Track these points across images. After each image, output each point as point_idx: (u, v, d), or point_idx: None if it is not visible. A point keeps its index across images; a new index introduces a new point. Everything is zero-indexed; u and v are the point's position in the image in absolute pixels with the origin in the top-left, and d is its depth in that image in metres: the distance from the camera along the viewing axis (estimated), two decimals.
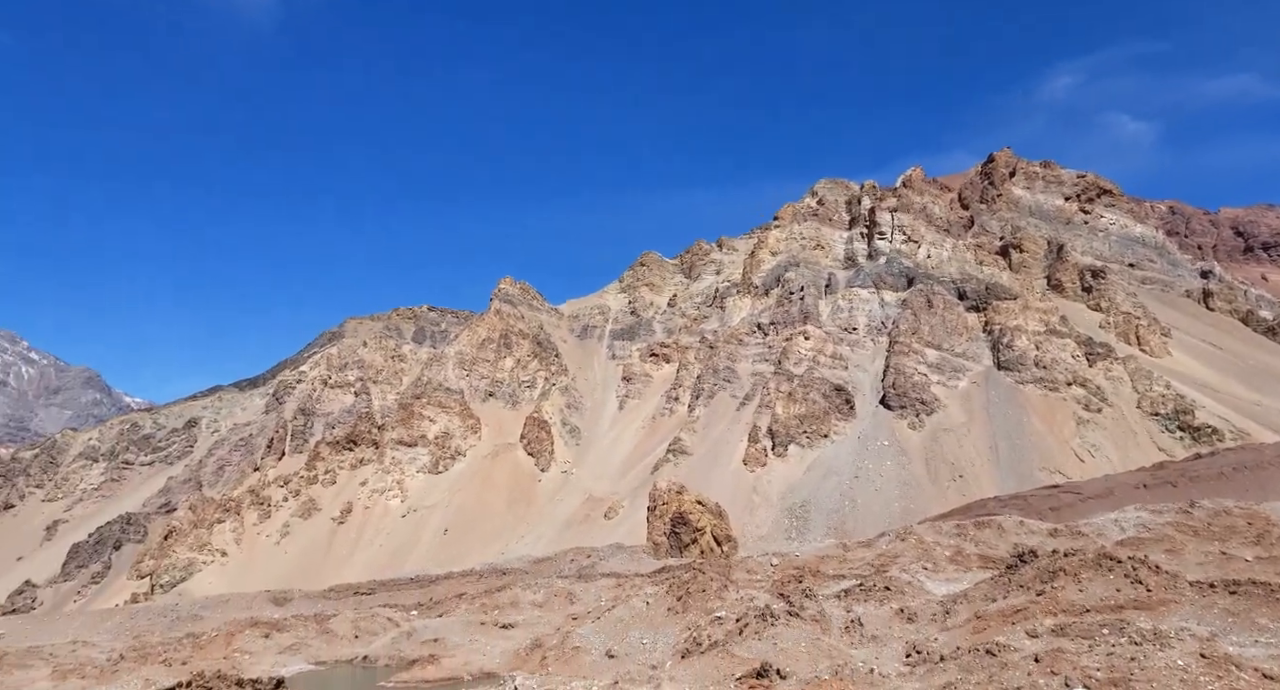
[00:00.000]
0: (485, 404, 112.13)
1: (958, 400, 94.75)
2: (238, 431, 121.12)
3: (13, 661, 47.44)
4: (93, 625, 58.03)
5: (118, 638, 52.69)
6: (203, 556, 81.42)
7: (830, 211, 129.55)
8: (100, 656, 46.94)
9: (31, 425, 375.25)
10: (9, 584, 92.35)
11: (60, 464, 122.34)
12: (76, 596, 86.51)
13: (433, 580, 61.27)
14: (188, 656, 43.80)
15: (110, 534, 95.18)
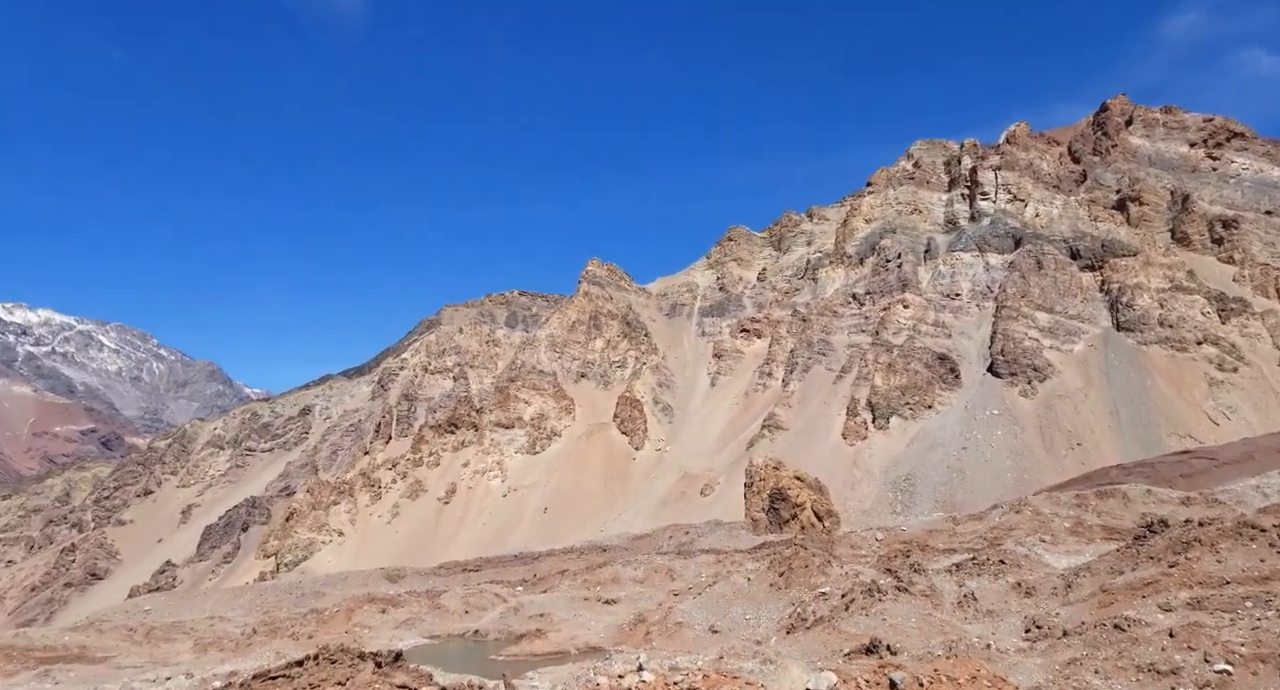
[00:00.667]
0: (578, 385, 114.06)
1: (1073, 365, 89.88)
2: (348, 417, 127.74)
3: (160, 635, 51.85)
4: (227, 602, 62.72)
5: (250, 613, 56.79)
6: (321, 537, 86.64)
7: (928, 174, 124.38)
8: (235, 631, 50.77)
9: (164, 416, 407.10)
10: (152, 564, 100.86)
11: (191, 452, 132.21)
12: (211, 575, 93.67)
13: (535, 557, 63.16)
14: (313, 631, 46.79)
15: (238, 517, 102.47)
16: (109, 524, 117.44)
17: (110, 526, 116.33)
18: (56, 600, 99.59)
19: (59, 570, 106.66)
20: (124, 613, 62.50)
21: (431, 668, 26.10)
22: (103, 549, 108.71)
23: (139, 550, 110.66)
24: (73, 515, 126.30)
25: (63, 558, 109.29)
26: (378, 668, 26.73)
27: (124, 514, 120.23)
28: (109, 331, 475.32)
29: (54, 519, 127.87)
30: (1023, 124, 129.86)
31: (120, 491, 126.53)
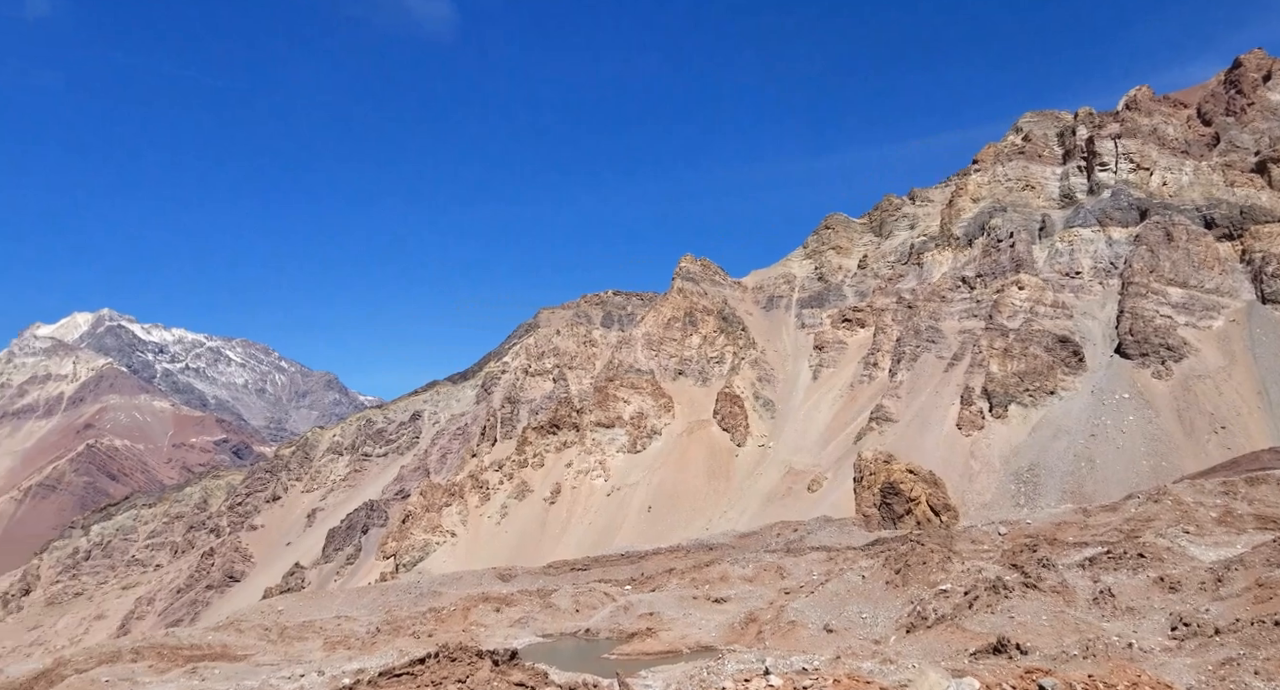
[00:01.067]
0: (676, 382, 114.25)
1: (1213, 342, 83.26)
2: (455, 422, 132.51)
3: (292, 634, 55.15)
4: (352, 602, 66.13)
5: (373, 612, 59.70)
6: (435, 537, 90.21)
7: (1039, 147, 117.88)
8: (360, 629, 53.46)
9: (287, 425, 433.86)
10: (282, 566, 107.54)
11: (313, 459, 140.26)
12: (336, 576, 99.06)
13: (642, 556, 63.68)
14: (432, 629, 48.76)
15: (358, 520, 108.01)
16: (242, 529, 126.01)
17: (244, 531, 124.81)
18: (200, 601, 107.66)
19: (200, 573, 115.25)
20: (260, 613, 66.86)
21: (546, 666, 26.72)
22: (238, 552, 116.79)
23: (270, 553, 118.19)
24: (210, 521, 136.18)
25: (203, 561, 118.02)
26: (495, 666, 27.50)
27: (255, 519, 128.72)
28: (235, 347, 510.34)
29: (194, 525, 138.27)
30: (1144, 88, 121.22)
31: (251, 497, 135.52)
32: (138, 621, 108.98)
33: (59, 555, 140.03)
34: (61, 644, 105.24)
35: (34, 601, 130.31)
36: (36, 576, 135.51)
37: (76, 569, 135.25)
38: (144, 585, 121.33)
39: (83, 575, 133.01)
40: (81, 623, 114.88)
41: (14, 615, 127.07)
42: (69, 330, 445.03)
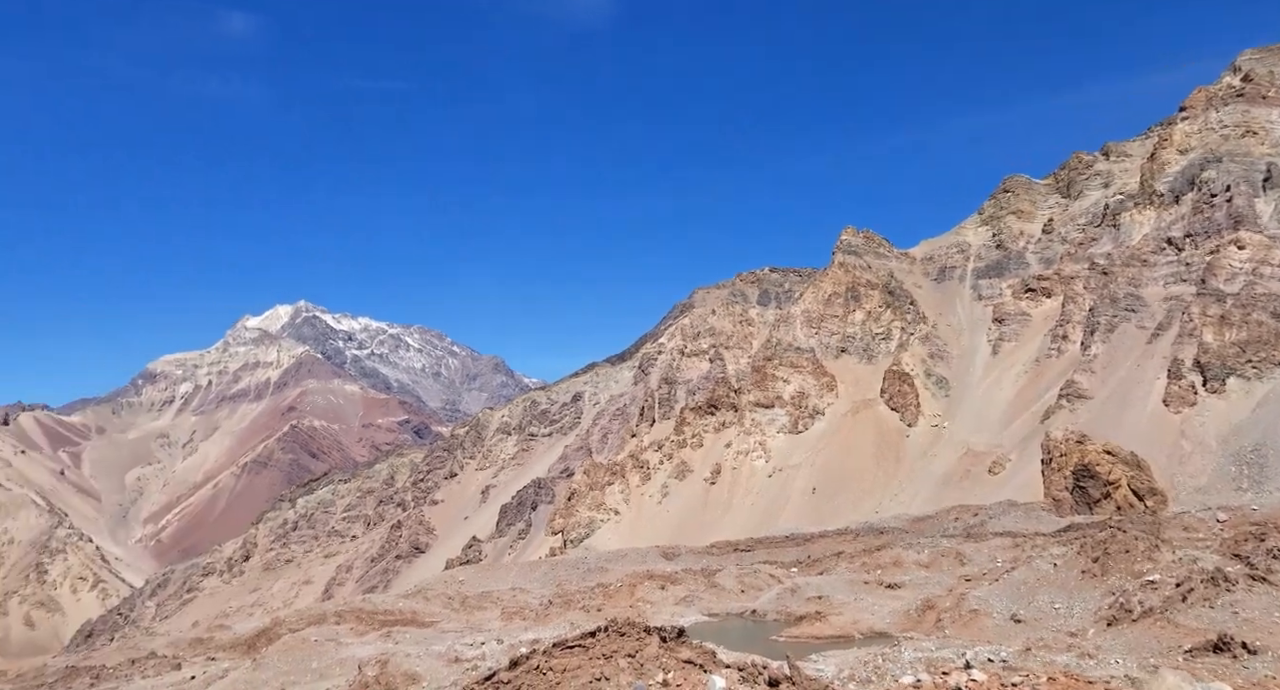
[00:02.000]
0: (838, 360, 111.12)
1: None
2: (614, 402, 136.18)
3: (473, 604, 59.12)
4: (525, 575, 69.94)
5: (545, 586, 62.85)
6: (600, 515, 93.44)
7: (1262, 87, 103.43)
8: (534, 601, 56.48)
9: (460, 407, 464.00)
10: (461, 539, 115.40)
11: (484, 438, 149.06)
12: (510, 550, 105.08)
13: (808, 538, 62.83)
14: (600, 604, 50.63)
15: (527, 496, 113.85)
16: (425, 503, 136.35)
17: (426, 506, 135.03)
18: (390, 570, 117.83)
19: (390, 544, 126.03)
20: (443, 583, 72.23)
21: (714, 645, 27.05)
22: (422, 525, 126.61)
23: (450, 526, 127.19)
24: (397, 496, 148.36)
25: (392, 533, 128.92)
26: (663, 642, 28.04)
27: (436, 494, 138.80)
28: (413, 333, 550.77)
29: (383, 499, 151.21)
30: None
31: (431, 474, 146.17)
32: (338, 587, 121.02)
33: (271, 525, 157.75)
34: (277, 605, 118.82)
35: (253, 566, 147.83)
36: (254, 544, 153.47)
37: (286, 538, 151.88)
38: (342, 554, 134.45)
39: (291, 544, 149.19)
40: (292, 586, 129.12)
41: (238, 578, 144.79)
42: (272, 321, 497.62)
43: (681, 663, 26.91)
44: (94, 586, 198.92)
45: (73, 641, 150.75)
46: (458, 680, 34.15)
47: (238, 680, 45.92)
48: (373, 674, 39.69)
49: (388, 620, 59.08)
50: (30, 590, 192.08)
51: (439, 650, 41.52)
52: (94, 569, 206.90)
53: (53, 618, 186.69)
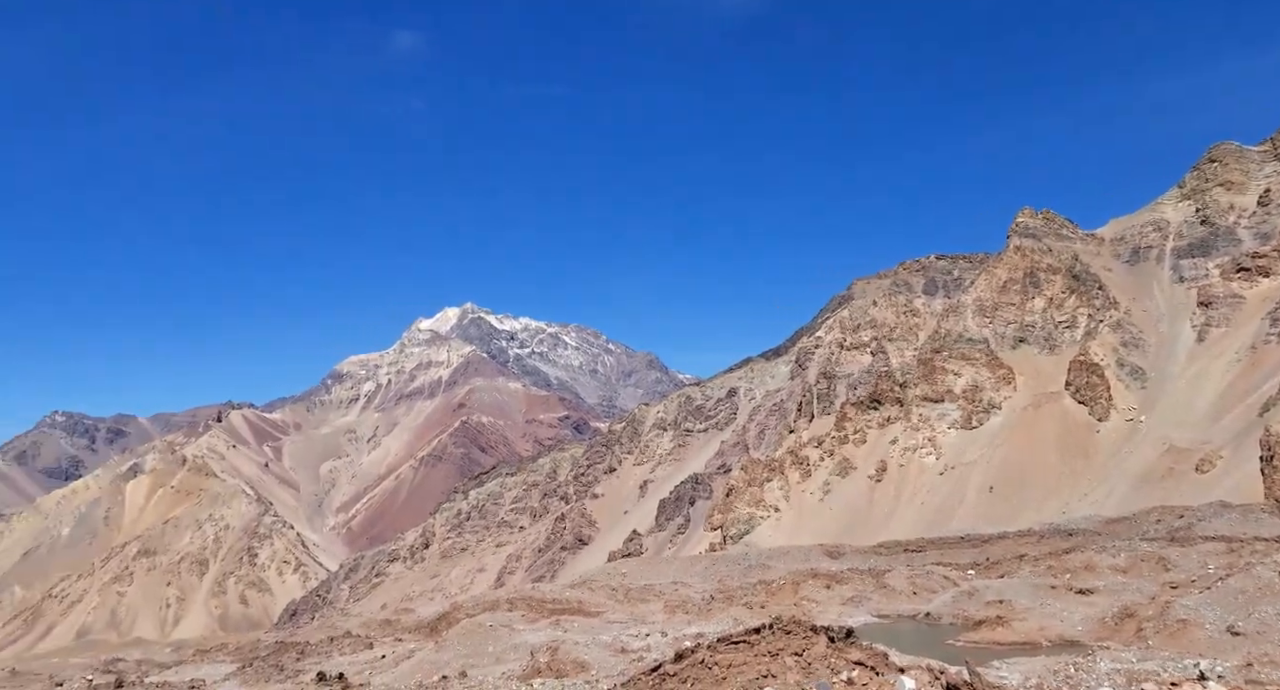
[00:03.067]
0: (1015, 351, 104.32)
1: None
2: (770, 398, 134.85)
3: (636, 596, 60.60)
4: (685, 569, 70.84)
5: (705, 580, 63.42)
6: (759, 512, 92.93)
7: None
8: (695, 596, 57.16)
9: (617, 403, 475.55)
10: (622, 532, 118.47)
11: (640, 434, 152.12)
12: (670, 544, 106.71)
13: (985, 540, 59.57)
14: (763, 600, 50.48)
15: (685, 492, 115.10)
16: (586, 497, 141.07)
17: (587, 499, 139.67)
18: (556, 560, 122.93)
19: (555, 535, 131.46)
20: (606, 574, 74.52)
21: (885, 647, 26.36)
22: (584, 518, 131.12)
23: (610, 519, 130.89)
24: (559, 489, 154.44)
25: (556, 525, 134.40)
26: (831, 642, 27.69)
27: (596, 488, 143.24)
28: (570, 332, 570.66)
29: (547, 492, 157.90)
30: None
31: (591, 469, 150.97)
32: (509, 575, 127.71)
33: (447, 515, 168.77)
34: (454, 591, 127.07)
35: (432, 553, 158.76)
36: (432, 533, 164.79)
37: (461, 527, 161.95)
38: (512, 544, 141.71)
39: (465, 533, 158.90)
40: (468, 574, 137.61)
41: (420, 565, 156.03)
42: (442, 323, 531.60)
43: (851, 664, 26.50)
44: (296, 569, 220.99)
45: (280, 618, 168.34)
46: (625, 670, 35.23)
47: (423, 661, 49.64)
48: (544, 660, 41.68)
49: (556, 609, 61.72)
50: (244, 572, 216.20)
51: (606, 640, 42.91)
52: (296, 553, 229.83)
53: (263, 597, 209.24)
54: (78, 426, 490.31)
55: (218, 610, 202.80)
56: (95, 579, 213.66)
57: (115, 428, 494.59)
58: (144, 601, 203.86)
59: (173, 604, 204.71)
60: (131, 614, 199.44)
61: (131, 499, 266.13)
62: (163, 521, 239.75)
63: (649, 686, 23.09)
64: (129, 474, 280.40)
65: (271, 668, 57.55)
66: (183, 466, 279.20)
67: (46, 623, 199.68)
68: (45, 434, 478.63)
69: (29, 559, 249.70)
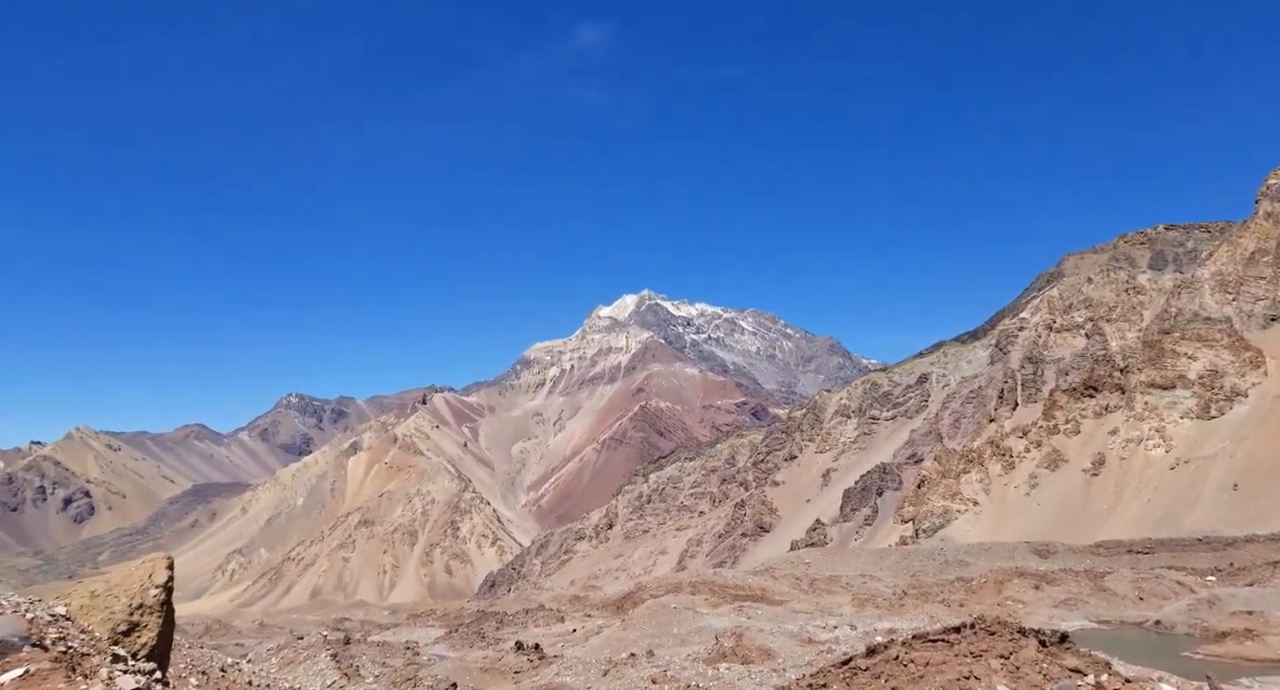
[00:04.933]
0: (1266, 332, 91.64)
1: None
2: (966, 384, 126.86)
3: (821, 587, 59.45)
4: (874, 562, 68.55)
5: (896, 575, 61.04)
6: (955, 505, 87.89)
7: None
8: (885, 590, 55.16)
9: (796, 389, 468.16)
10: (804, 521, 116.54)
11: (822, 421, 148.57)
12: (855, 536, 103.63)
13: (1228, 543, 52.94)
14: (962, 599, 47.85)
15: (871, 482, 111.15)
16: (766, 484, 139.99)
17: (767, 486, 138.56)
18: (737, 547, 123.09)
19: (735, 522, 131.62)
20: (789, 563, 73.72)
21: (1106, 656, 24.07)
22: (764, 505, 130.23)
23: (791, 508, 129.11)
24: (739, 475, 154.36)
25: (736, 511, 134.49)
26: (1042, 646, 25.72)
27: (776, 475, 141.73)
28: (746, 317, 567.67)
29: (726, 478, 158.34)
30: None
31: (771, 456, 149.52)
32: (690, 559, 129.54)
33: (629, 497, 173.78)
34: (638, 571, 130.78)
35: (615, 534, 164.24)
36: (615, 514, 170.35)
37: (642, 510, 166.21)
38: (692, 528, 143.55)
39: (647, 515, 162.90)
40: (650, 555, 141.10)
41: (604, 544, 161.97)
42: (621, 310, 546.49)
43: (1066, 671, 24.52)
44: (493, 543, 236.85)
45: (480, 589, 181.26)
46: (812, 661, 34.68)
47: (611, 637, 51.48)
48: (729, 645, 41.88)
49: (738, 595, 61.91)
50: (448, 544, 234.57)
51: (791, 629, 42.42)
52: (493, 528, 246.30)
53: (464, 567, 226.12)
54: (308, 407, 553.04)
55: (426, 578, 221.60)
56: (324, 545, 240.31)
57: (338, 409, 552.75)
58: (364, 567, 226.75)
59: (388, 571, 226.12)
60: (355, 578, 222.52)
61: (352, 473, 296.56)
62: (378, 494, 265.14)
63: (840, 680, 22.51)
64: (350, 451, 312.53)
65: (474, 634, 62.03)
66: (394, 445, 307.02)
67: (287, 582, 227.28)
68: (282, 414, 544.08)
69: (272, 524, 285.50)
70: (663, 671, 36.18)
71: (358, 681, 34.18)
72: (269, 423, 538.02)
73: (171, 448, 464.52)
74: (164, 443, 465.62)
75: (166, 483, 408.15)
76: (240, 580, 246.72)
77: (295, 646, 38.80)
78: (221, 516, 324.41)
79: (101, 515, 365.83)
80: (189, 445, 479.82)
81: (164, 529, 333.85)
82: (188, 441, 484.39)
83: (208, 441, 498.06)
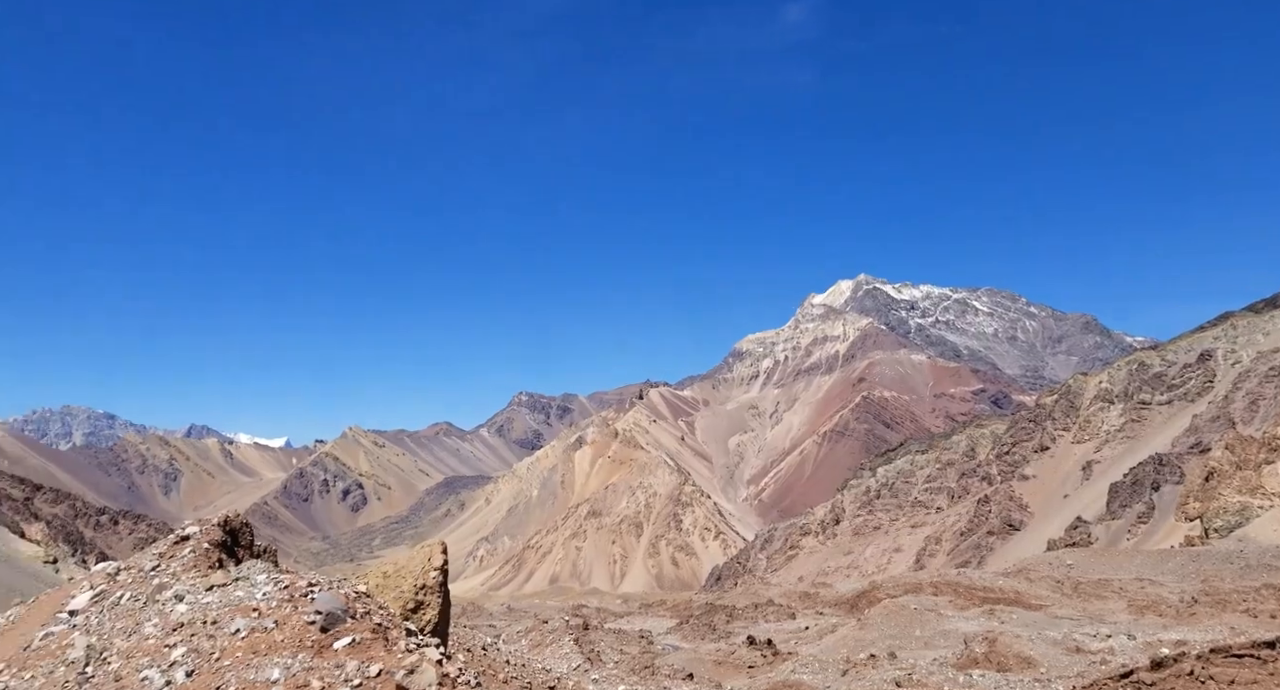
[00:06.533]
0: None
1: None
2: (1264, 360, 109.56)
3: (1088, 591, 54.14)
4: (1153, 565, 61.29)
5: (1183, 580, 54.16)
6: (1256, 501, 76.11)
7: None
8: (1170, 596, 49.09)
9: (1044, 373, 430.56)
10: (1062, 519, 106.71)
11: (1079, 407, 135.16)
12: (1127, 535, 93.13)
13: None
14: (1273, 609, 41.55)
15: (1144, 474, 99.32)
16: (1013, 478, 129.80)
17: (1015, 480, 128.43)
18: (982, 546, 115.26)
19: (979, 519, 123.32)
20: (1047, 564, 67.79)
21: None
22: (1013, 501, 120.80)
23: (1045, 504, 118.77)
24: (980, 469, 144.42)
25: (980, 508, 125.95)
26: None
27: (1025, 469, 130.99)
28: (980, 297, 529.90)
29: (965, 472, 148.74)
30: None
31: (1017, 447, 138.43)
32: (929, 558, 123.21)
33: (855, 492, 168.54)
34: (870, 569, 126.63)
35: (843, 530, 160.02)
36: (842, 509, 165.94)
37: (870, 505, 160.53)
38: (929, 526, 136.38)
39: (876, 511, 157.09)
40: (883, 553, 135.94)
41: (831, 540, 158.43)
42: (835, 297, 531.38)
43: None
44: (716, 536, 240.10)
45: (707, 581, 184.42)
46: (1083, 672, 31.62)
47: (847, 636, 50.13)
48: (981, 651, 39.28)
49: (987, 597, 57.95)
50: (672, 536, 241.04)
51: (1054, 636, 39.20)
52: (715, 521, 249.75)
53: (690, 560, 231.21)
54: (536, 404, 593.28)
55: (654, 569, 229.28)
56: (559, 534, 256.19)
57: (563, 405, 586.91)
58: (596, 557, 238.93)
59: (618, 560, 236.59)
60: (588, 566, 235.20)
61: (579, 466, 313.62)
62: (604, 487, 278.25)
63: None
64: (575, 445, 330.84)
65: (705, 627, 63.08)
66: (615, 439, 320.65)
67: (528, 569, 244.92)
68: (515, 411, 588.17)
69: (512, 514, 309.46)
70: (907, 675, 34.66)
71: (600, 666, 35.81)
72: (504, 420, 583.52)
73: (425, 444, 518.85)
74: (418, 439, 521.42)
75: (423, 475, 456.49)
76: (488, 566, 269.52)
77: (541, 630, 41.43)
78: (469, 506, 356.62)
79: (372, 505, 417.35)
80: (439, 441, 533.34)
81: (422, 518, 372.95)
82: (438, 438, 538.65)
83: (454, 438, 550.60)
